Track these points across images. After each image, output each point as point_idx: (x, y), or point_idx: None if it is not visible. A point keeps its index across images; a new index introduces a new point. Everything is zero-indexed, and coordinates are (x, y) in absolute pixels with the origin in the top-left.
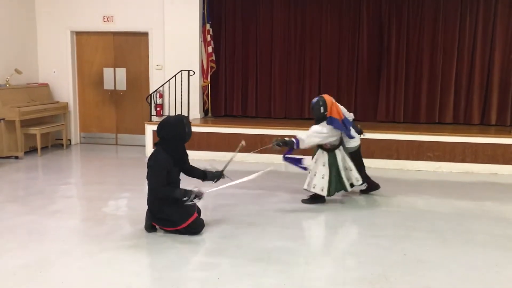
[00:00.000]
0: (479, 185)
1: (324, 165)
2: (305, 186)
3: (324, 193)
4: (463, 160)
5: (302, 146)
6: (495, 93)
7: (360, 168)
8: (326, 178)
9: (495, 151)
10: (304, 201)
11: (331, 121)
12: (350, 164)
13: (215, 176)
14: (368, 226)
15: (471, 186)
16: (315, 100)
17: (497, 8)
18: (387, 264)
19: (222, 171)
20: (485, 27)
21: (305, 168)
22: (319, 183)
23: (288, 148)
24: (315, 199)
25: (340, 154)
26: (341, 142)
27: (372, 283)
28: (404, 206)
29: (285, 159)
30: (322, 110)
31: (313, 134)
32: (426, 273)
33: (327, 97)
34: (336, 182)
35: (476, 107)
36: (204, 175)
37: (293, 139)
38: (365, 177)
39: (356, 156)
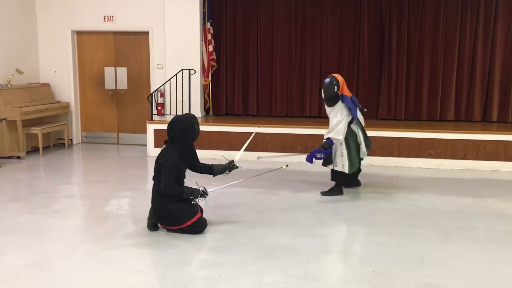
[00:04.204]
0: (480, 182)
1: (341, 143)
2: (330, 166)
3: (346, 169)
4: (464, 157)
5: (338, 141)
6: (496, 90)
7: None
8: (345, 155)
9: (497, 148)
10: (323, 193)
11: (343, 99)
12: (361, 138)
13: (224, 168)
14: (370, 223)
15: (473, 183)
16: (328, 79)
17: (498, 5)
18: (388, 261)
19: (233, 161)
20: (486, 23)
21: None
22: (340, 161)
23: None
24: (334, 191)
25: (355, 128)
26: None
27: (373, 280)
28: (406, 203)
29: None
30: (335, 89)
31: (338, 126)
32: (427, 270)
33: (339, 76)
34: (356, 158)
35: (478, 104)
36: (211, 170)
37: (327, 141)
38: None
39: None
